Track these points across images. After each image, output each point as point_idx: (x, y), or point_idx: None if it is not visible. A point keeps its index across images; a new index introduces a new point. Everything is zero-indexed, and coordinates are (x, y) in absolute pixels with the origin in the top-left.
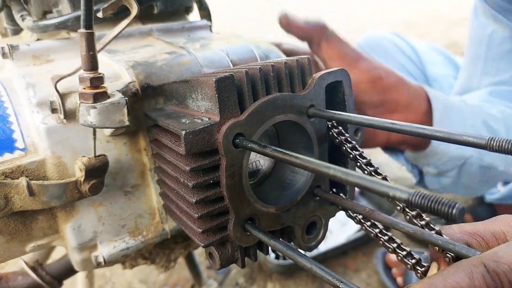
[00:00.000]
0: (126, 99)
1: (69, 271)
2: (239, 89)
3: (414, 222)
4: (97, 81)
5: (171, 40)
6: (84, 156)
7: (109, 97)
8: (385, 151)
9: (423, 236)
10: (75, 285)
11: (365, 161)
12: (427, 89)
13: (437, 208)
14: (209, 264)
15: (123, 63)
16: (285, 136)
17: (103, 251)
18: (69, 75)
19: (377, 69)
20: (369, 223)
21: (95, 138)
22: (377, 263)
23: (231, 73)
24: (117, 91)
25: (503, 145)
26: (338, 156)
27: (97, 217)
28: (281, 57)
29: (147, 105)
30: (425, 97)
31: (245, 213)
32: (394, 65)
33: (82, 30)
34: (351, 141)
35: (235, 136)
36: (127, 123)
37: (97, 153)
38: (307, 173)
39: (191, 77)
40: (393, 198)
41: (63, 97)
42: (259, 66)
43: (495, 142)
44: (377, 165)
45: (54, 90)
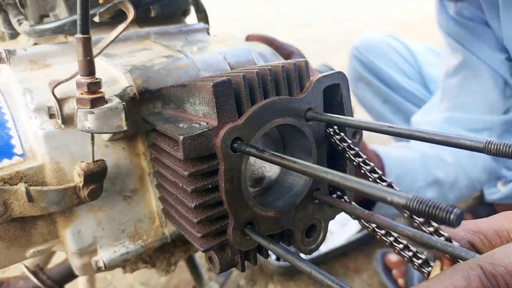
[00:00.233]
0: (123, 104)
1: (70, 275)
2: (236, 93)
3: (422, 229)
4: (94, 86)
5: (168, 43)
6: (83, 161)
7: (106, 102)
8: None
9: (422, 238)
10: None
11: (369, 168)
12: (382, 157)
13: (434, 213)
14: (209, 268)
15: (120, 67)
16: (289, 140)
17: (103, 255)
18: (66, 80)
19: None
20: (374, 225)
21: (93, 143)
22: (377, 265)
23: (229, 77)
24: (115, 96)
25: (500, 148)
26: (337, 159)
27: (96, 222)
28: (278, 58)
29: (145, 109)
30: (380, 166)
31: (244, 217)
32: (390, 66)
33: (79, 35)
34: (353, 147)
35: (233, 140)
36: (125, 128)
37: (95, 158)
38: (305, 177)
39: (188, 81)
40: (391, 203)
41: (60, 102)
42: (257, 70)
43: (492, 146)
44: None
45: (52, 96)
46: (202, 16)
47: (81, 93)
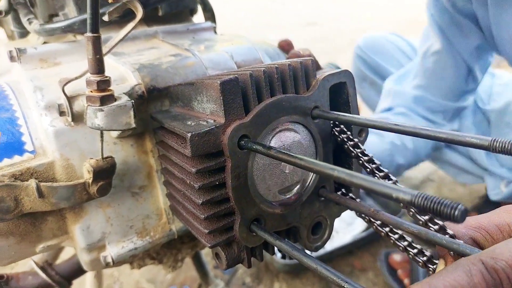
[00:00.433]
0: (132, 102)
1: (78, 271)
2: (243, 91)
3: (428, 226)
4: (104, 84)
5: (176, 42)
6: (92, 158)
7: (115, 100)
8: None
9: (427, 236)
10: (84, 285)
11: (374, 166)
12: None
13: (439, 209)
14: (216, 264)
15: (129, 65)
16: None
17: (111, 251)
18: (76, 78)
19: None
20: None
21: (102, 140)
22: (381, 265)
23: (236, 75)
24: (124, 93)
25: (505, 146)
26: (342, 157)
27: (105, 218)
28: (283, 56)
29: (153, 107)
30: None
31: (251, 213)
32: (394, 65)
33: (89, 34)
34: (357, 143)
35: (240, 137)
36: (133, 125)
37: (104, 155)
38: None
39: (196, 79)
40: (396, 200)
41: (70, 100)
42: (263, 68)
43: (497, 143)
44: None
45: (62, 93)
46: (209, 15)
47: (91, 91)
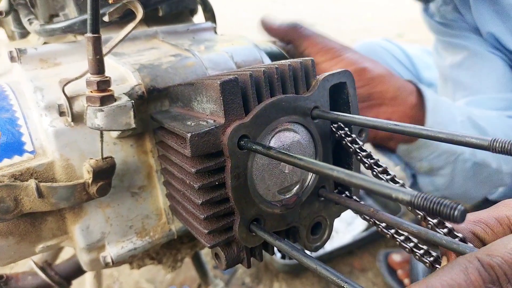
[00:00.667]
0: (132, 102)
1: (77, 271)
2: (243, 91)
3: (436, 230)
4: (104, 85)
5: (176, 42)
6: (92, 158)
7: (115, 100)
8: (376, 148)
9: (427, 235)
10: (83, 285)
11: (372, 161)
12: (417, 83)
13: (439, 209)
14: (215, 264)
15: (129, 66)
16: None
17: (111, 251)
18: (76, 78)
19: (362, 60)
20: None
21: (102, 141)
22: (380, 266)
23: (236, 75)
24: (124, 94)
25: (506, 146)
26: (342, 157)
27: (104, 218)
28: (284, 57)
29: (153, 107)
30: (414, 91)
31: (251, 214)
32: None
33: (89, 35)
34: (358, 142)
35: (240, 138)
36: (133, 125)
37: (104, 155)
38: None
39: (196, 79)
40: (396, 200)
41: (70, 100)
42: (263, 69)
43: (498, 144)
44: (385, 165)
45: (62, 94)
46: (210, 15)
47: (91, 91)
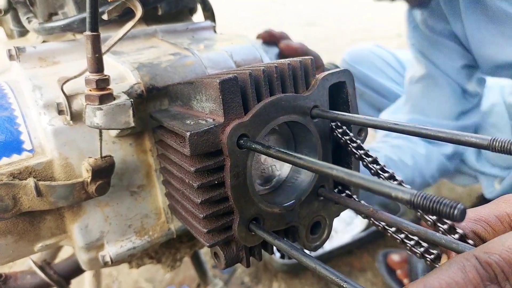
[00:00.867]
0: (131, 101)
1: (76, 270)
2: (243, 90)
3: (437, 226)
4: (103, 83)
5: (175, 41)
6: (91, 157)
7: (114, 99)
8: None
9: (426, 235)
10: (83, 284)
11: (370, 159)
12: None
13: (438, 208)
14: (215, 263)
15: (128, 64)
16: (301, 140)
17: (110, 250)
18: (75, 77)
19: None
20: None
21: (101, 139)
22: (379, 266)
23: (235, 74)
24: (123, 92)
25: (505, 145)
26: (342, 156)
27: (103, 217)
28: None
29: (152, 106)
30: None
31: (250, 213)
32: (379, 75)
33: (88, 33)
34: (356, 140)
35: (239, 137)
36: (132, 124)
37: (103, 154)
38: (311, 174)
39: (195, 78)
40: (396, 199)
41: (69, 99)
42: (263, 68)
43: (497, 143)
44: (383, 163)
45: (61, 92)
46: (209, 14)
47: (90, 90)
